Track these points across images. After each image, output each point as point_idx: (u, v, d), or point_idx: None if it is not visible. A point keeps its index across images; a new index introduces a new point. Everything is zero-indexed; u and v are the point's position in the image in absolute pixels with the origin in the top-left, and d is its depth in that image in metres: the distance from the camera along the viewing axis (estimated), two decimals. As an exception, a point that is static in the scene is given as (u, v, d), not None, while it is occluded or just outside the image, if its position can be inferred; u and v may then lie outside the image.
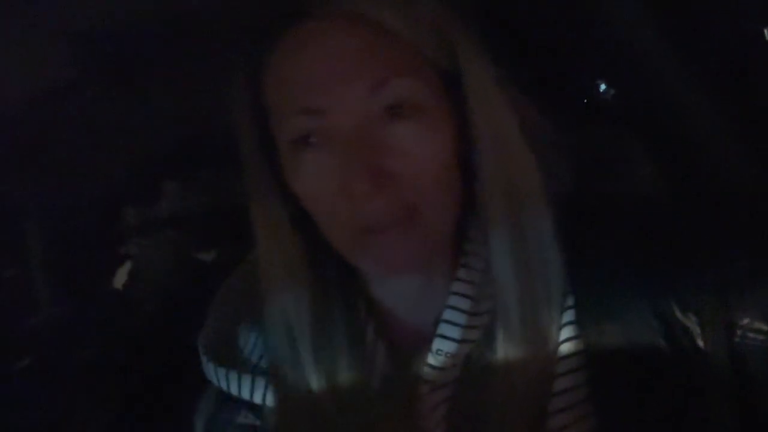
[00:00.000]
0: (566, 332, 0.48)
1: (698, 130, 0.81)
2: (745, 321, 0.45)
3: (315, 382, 0.51)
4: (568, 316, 0.48)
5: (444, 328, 0.50)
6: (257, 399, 0.55)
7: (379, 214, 0.47)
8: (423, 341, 0.51)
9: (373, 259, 0.49)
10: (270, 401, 0.54)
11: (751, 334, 0.44)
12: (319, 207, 0.50)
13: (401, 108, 0.46)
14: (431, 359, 0.50)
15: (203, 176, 1.06)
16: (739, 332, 0.44)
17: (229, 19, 0.52)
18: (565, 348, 0.48)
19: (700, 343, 0.45)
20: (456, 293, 0.51)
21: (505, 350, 0.48)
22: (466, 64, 0.48)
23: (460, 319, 0.50)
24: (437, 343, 0.50)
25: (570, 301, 0.49)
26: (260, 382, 0.54)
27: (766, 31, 0.78)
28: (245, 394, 0.55)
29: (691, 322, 0.45)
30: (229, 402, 0.57)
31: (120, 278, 1.30)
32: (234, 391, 0.56)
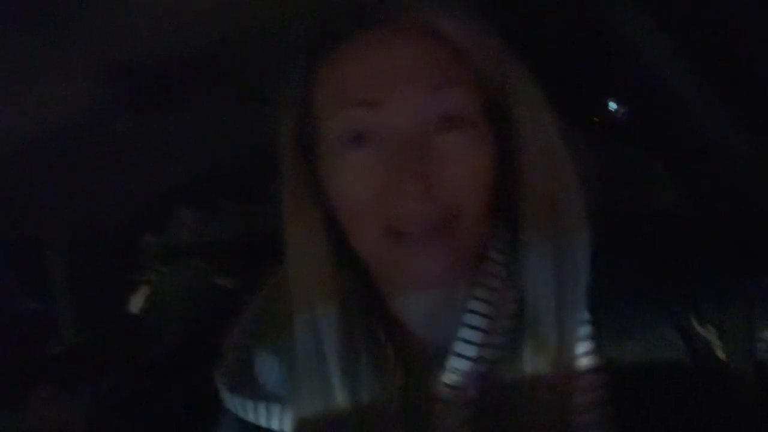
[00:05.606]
0: (585, 347, 0.48)
1: (719, 144, 0.80)
2: None
3: (338, 401, 0.51)
4: (585, 330, 0.48)
5: (460, 347, 0.50)
6: (274, 425, 0.55)
7: (420, 219, 0.47)
8: (439, 360, 0.50)
9: (404, 268, 0.49)
10: (287, 427, 0.54)
11: None
12: (355, 210, 0.49)
13: (453, 119, 0.47)
14: (447, 378, 0.50)
15: (223, 204, 1.07)
16: (763, 346, 0.44)
17: (291, 29, 0.52)
18: (585, 363, 0.48)
19: (721, 355, 0.44)
20: (473, 312, 0.50)
21: (534, 368, 0.48)
22: (517, 85, 0.49)
23: (476, 337, 0.50)
24: (453, 362, 0.50)
25: (587, 316, 0.48)
26: (275, 409, 0.55)
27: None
28: (262, 421, 0.55)
29: (711, 334, 0.44)
30: (247, 428, 0.57)
31: (136, 303, 1.31)
32: (251, 418, 0.56)
